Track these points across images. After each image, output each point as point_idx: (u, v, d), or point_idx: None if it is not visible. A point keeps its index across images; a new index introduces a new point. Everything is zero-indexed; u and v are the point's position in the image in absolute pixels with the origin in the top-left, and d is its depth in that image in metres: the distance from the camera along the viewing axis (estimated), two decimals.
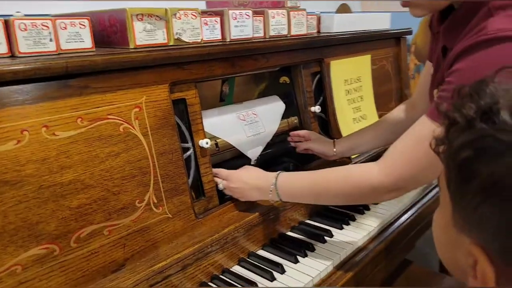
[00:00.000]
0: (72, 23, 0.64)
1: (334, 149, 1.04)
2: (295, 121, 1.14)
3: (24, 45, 0.59)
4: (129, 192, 0.70)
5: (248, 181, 0.84)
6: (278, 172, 0.83)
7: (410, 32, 1.47)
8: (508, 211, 0.30)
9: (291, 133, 1.09)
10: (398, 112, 1.06)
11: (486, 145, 0.31)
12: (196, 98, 0.84)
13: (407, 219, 1.03)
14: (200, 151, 0.84)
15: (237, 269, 0.82)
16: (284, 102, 1.12)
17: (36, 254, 0.59)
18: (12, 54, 0.61)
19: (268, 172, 0.85)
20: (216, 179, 0.87)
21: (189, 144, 0.84)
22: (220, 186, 0.86)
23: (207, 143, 0.84)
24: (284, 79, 1.16)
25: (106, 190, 0.67)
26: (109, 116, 0.68)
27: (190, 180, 0.83)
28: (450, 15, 0.72)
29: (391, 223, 1.01)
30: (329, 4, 2.08)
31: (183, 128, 0.83)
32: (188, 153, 0.83)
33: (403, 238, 1.02)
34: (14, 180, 0.57)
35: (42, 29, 0.60)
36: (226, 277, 0.79)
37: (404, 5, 0.74)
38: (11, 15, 0.74)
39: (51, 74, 0.60)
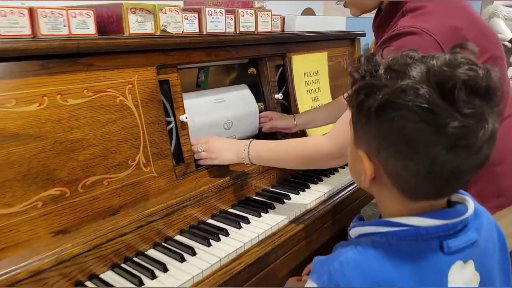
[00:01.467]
0: (80, 13, 0.80)
1: (295, 122, 1.24)
2: (261, 106, 1.33)
3: (45, 29, 0.75)
4: (123, 152, 0.87)
5: (224, 144, 1.03)
6: (250, 139, 1.01)
7: (363, 34, 1.70)
8: (376, 127, 0.49)
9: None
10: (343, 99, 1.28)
11: (369, 89, 0.49)
12: (178, 80, 1.01)
13: (351, 189, 1.24)
14: (181, 124, 1.01)
15: (210, 221, 1.00)
16: (252, 90, 1.31)
17: (52, 194, 0.75)
18: (34, 35, 0.76)
19: (242, 140, 1.03)
20: (196, 145, 1.03)
21: (171, 119, 1.01)
22: (200, 149, 1.02)
23: (186, 117, 1.01)
24: (252, 70, 1.35)
25: (106, 149, 0.84)
26: (108, 90, 0.84)
27: (172, 148, 1.00)
28: (378, 16, 0.94)
29: (338, 192, 1.21)
30: (296, 7, 2.30)
31: (167, 105, 1.00)
32: (171, 126, 1.00)
33: (348, 204, 1.23)
34: (36, 134, 0.73)
35: (59, 16, 0.76)
36: (201, 226, 0.96)
37: (344, 5, 0.96)
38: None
39: (65, 52, 0.76)
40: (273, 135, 1.32)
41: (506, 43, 6.51)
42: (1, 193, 0.69)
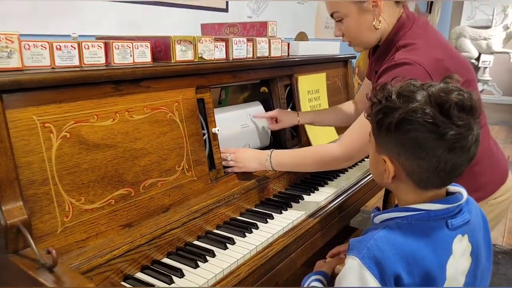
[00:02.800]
0: (141, 45, 0.98)
1: (298, 118, 1.44)
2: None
3: (117, 58, 0.92)
4: (172, 159, 1.04)
5: (249, 155, 1.21)
6: (271, 150, 1.20)
7: (354, 57, 1.93)
8: (396, 138, 0.67)
9: (262, 115, 1.44)
10: (347, 106, 1.53)
11: (386, 110, 0.69)
12: (210, 99, 1.19)
13: (353, 191, 1.44)
14: (212, 136, 1.19)
15: (240, 218, 1.17)
16: (264, 107, 1.50)
17: (122, 193, 0.91)
18: (108, 63, 0.93)
19: (264, 150, 1.22)
20: (225, 153, 1.21)
21: (205, 131, 1.18)
22: (229, 158, 1.20)
23: (218, 130, 1.19)
24: (264, 89, 1.54)
25: (159, 157, 1.00)
26: (161, 107, 1.02)
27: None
28: (377, 51, 1.16)
29: (343, 192, 1.41)
30: (291, 32, 2.52)
31: (201, 119, 1.17)
32: (204, 137, 1.18)
33: (352, 202, 1.42)
34: (111, 144, 0.89)
35: (127, 48, 0.93)
36: (233, 222, 1.13)
37: (349, 45, 1.18)
38: (69, 35, 1.07)
39: (132, 78, 0.93)
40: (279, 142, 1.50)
41: (473, 60, 6.96)
42: (86, 192, 0.84)
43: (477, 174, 1.04)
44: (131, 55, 0.95)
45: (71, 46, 0.84)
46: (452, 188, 0.74)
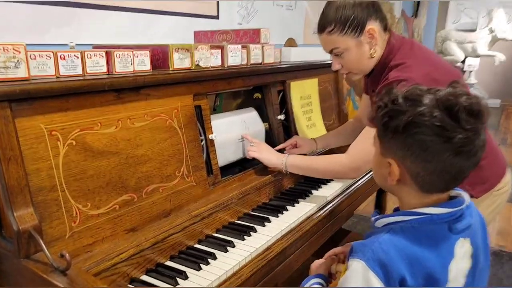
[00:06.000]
0: (141, 53, 1.00)
1: (316, 145, 1.54)
2: (266, 126, 1.56)
3: (118, 66, 0.94)
4: (172, 165, 1.06)
5: (269, 149, 1.35)
6: (287, 154, 1.31)
7: None
8: (402, 141, 0.69)
9: (282, 145, 1.51)
10: (352, 124, 1.62)
11: (393, 113, 0.70)
12: (207, 105, 1.22)
13: (346, 194, 1.48)
14: (210, 142, 1.22)
15: (238, 222, 1.19)
16: (258, 112, 1.53)
17: (125, 199, 0.93)
18: (109, 72, 0.95)
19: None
20: (248, 138, 1.35)
21: (202, 137, 1.21)
22: (252, 144, 1.33)
23: (214, 136, 1.22)
24: (257, 95, 1.58)
25: (160, 163, 1.03)
26: (161, 114, 1.04)
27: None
28: (371, 74, 1.26)
29: (337, 196, 1.45)
30: (279, 38, 2.57)
31: (199, 126, 1.20)
32: (202, 143, 1.21)
33: (345, 206, 1.47)
34: (114, 151, 0.91)
35: (128, 56, 0.96)
36: (231, 226, 1.16)
37: (346, 75, 1.25)
38: (66, 44, 1.09)
39: (133, 85, 0.95)
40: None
41: (459, 64, 7.11)
42: (92, 197, 0.86)
43: (484, 168, 1.10)
44: (131, 64, 0.97)
45: (75, 55, 0.86)
46: (454, 191, 0.76)
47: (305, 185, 1.46)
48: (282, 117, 1.56)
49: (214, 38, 1.62)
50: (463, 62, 6.83)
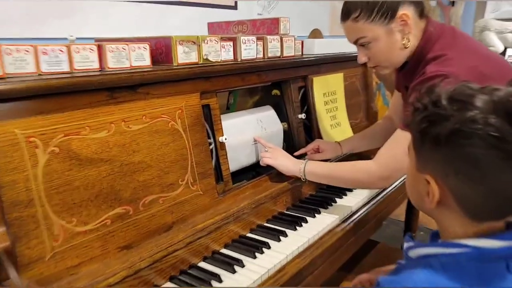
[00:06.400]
0: (139, 46, 0.89)
1: (341, 148, 1.38)
2: (285, 126, 1.42)
3: (111, 62, 0.83)
4: (175, 172, 0.94)
5: (286, 155, 1.20)
6: (305, 160, 1.16)
7: None
8: (445, 153, 0.55)
9: (304, 150, 1.36)
10: (382, 125, 1.44)
11: (434, 118, 0.55)
12: (217, 104, 1.09)
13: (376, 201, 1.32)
14: (220, 145, 1.09)
15: (250, 235, 1.07)
16: (275, 111, 1.39)
17: (119, 213, 0.82)
18: (101, 68, 0.84)
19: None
20: (262, 142, 1.22)
21: (211, 140, 1.09)
22: (266, 149, 1.20)
23: (225, 139, 1.09)
24: (275, 92, 1.44)
25: (160, 170, 0.91)
26: (162, 115, 0.92)
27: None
28: (405, 67, 1.09)
29: (368, 202, 1.29)
30: (304, 29, 2.41)
31: (207, 127, 1.08)
32: (211, 147, 1.08)
33: (386, 205, 1.32)
34: (106, 158, 0.80)
35: (122, 51, 0.84)
36: (242, 240, 1.03)
37: (375, 69, 1.09)
38: (66, 38, 0.98)
39: (130, 84, 0.84)
40: (294, 149, 1.40)
41: None
42: (79, 212, 0.76)
43: None
44: (127, 59, 0.86)
45: (59, 50, 0.75)
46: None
47: (327, 193, 1.32)
48: (303, 116, 1.42)
49: (229, 29, 1.49)
50: (503, 53, 6.38)
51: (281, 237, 1.04)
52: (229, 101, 1.34)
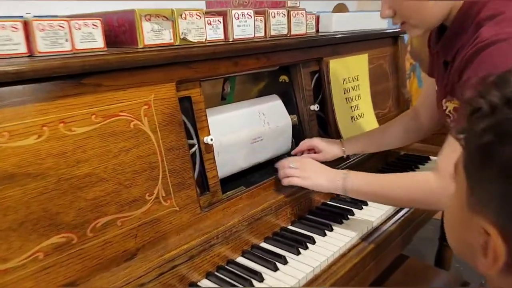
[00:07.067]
0: (86, 23, 0.68)
1: (343, 148, 1.10)
2: (295, 119, 1.18)
3: (42, 45, 0.63)
4: (139, 185, 0.74)
5: (319, 168, 0.95)
6: (347, 170, 0.92)
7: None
8: None
9: (294, 152, 1.12)
10: (405, 120, 1.14)
11: (506, 129, 0.33)
12: (201, 96, 0.87)
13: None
14: (205, 147, 0.88)
15: (240, 261, 0.86)
16: (283, 101, 1.16)
17: (56, 242, 0.63)
18: (31, 53, 0.65)
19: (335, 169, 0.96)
20: (288, 160, 0.98)
21: (194, 141, 0.87)
22: (293, 165, 0.95)
23: (211, 139, 0.88)
24: (283, 78, 1.20)
25: (119, 184, 0.71)
26: (120, 113, 0.72)
27: (195, 176, 0.86)
28: (444, 34, 0.79)
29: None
30: (327, 4, 2.12)
31: (189, 125, 0.87)
32: (193, 149, 0.87)
33: (417, 217, 1.08)
34: (35, 173, 0.61)
35: (59, 29, 0.64)
36: (230, 268, 0.82)
37: (402, 29, 0.81)
38: (21, 16, 0.78)
39: (68, 73, 0.63)
40: None
41: None
42: None
43: None
44: (66, 40, 0.65)
45: None
46: None
47: (343, 202, 1.08)
48: (316, 107, 1.17)
49: (229, 5, 1.25)
50: None
51: (279, 265, 0.82)
52: (225, 90, 1.12)
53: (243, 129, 1.02)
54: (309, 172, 0.94)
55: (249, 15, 0.95)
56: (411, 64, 2.95)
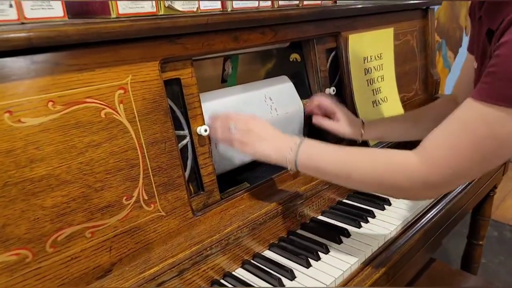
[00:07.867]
0: None
1: (362, 131, 0.91)
2: (307, 104, 1.02)
3: None
4: (114, 188, 0.61)
5: (267, 133, 0.72)
6: (301, 138, 0.71)
7: (440, 2, 1.32)
8: None
9: (308, 107, 0.94)
10: (440, 106, 0.92)
11: None
12: (193, 78, 0.73)
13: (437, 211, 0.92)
14: (198, 139, 0.74)
15: (240, 274, 0.73)
16: (294, 83, 1.00)
17: (5, 262, 0.51)
18: None
19: (290, 136, 0.73)
20: (231, 118, 0.75)
21: (185, 132, 0.73)
22: (233, 126, 0.73)
23: (206, 130, 0.73)
24: (294, 56, 1.04)
25: (87, 186, 0.58)
26: (87, 100, 0.58)
27: (187, 173, 0.73)
28: None
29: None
30: None
31: (178, 113, 0.73)
32: (184, 142, 0.73)
33: (444, 223, 0.92)
34: None
35: None
36: (227, 283, 0.70)
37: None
38: None
39: (11, 48, 0.50)
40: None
41: None
42: None
43: None
44: (11, 5, 0.51)
45: None
46: None
47: (363, 201, 0.93)
48: (332, 90, 1.01)
49: None
50: None
51: (285, 278, 0.68)
52: (226, 71, 0.97)
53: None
54: (251, 136, 0.72)
55: None
56: (437, 41, 2.71)
